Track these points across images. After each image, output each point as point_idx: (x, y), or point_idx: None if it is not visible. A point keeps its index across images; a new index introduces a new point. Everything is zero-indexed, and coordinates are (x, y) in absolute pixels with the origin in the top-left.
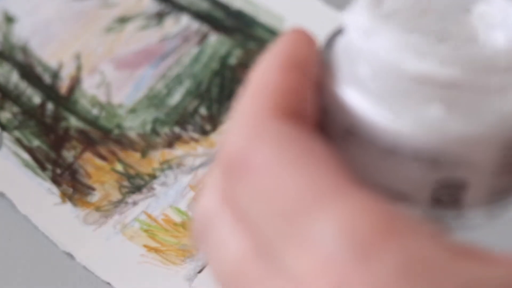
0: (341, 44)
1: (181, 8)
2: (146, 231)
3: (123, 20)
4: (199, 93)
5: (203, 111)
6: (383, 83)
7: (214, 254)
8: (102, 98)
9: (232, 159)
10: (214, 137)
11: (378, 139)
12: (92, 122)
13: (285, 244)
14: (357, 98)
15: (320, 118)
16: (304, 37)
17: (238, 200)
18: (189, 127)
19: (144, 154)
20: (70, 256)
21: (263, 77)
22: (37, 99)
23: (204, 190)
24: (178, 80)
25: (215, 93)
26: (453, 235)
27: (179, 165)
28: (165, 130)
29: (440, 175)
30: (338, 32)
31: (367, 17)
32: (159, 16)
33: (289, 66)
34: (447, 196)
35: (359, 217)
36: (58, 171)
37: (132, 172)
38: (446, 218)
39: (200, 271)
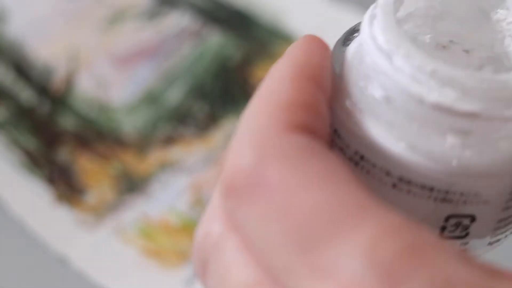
0: (354, 56)
1: (181, 6)
2: (143, 233)
3: (120, 16)
4: (198, 93)
5: (202, 110)
6: (399, 109)
7: (218, 285)
8: (98, 96)
9: (239, 178)
10: (213, 137)
11: (390, 167)
12: (88, 121)
13: (302, 271)
14: (370, 122)
15: (330, 138)
16: (318, 46)
17: (247, 223)
18: (188, 126)
19: (141, 153)
20: (65, 258)
21: (274, 88)
22: (32, 97)
23: (206, 214)
24: (177, 79)
25: (214, 92)
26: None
27: (178, 165)
28: (163, 130)
29: (452, 208)
30: (348, 38)
31: (389, 35)
32: (158, 14)
33: (302, 78)
34: (456, 229)
35: (385, 239)
36: (53, 171)
37: (129, 172)
38: None
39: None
